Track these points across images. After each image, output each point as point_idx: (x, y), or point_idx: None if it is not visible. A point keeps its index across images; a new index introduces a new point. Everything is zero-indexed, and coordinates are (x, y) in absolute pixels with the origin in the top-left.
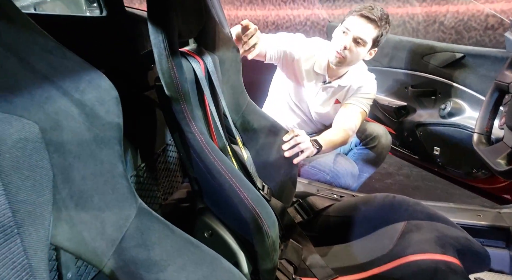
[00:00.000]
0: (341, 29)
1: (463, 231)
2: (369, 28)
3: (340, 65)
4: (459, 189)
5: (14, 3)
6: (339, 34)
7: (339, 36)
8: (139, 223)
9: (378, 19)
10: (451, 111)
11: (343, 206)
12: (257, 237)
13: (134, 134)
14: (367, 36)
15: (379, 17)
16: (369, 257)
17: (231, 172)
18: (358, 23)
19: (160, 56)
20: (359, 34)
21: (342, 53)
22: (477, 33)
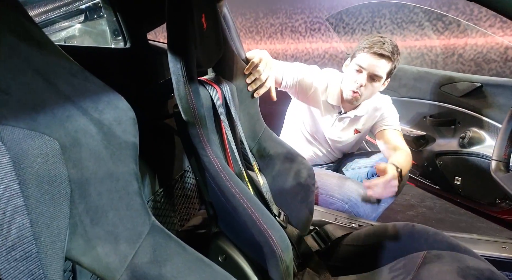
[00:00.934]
0: (354, 68)
1: (486, 262)
2: (383, 63)
3: (357, 102)
4: (485, 222)
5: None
6: (352, 72)
7: (353, 75)
8: (151, 240)
9: (391, 54)
10: (470, 140)
11: (362, 235)
12: (271, 261)
13: (153, 160)
14: (382, 72)
15: (391, 51)
16: None
17: (245, 196)
18: (371, 60)
19: (178, 82)
20: (374, 72)
21: (358, 91)
22: (497, 65)
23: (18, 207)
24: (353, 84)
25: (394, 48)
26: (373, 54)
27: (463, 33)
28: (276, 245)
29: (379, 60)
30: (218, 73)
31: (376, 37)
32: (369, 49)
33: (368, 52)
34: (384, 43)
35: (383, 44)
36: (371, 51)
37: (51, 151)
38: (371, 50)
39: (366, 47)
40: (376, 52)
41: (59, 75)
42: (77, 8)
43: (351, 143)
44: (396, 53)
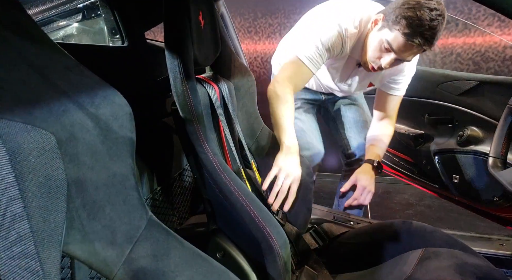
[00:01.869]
0: (382, 42)
1: (484, 259)
2: (419, 52)
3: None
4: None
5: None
6: (379, 44)
7: (378, 48)
8: (148, 234)
9: (435, 41)
10: (468, 139)
11: (360, 233)
12: (269, 257)
13: (151, 158)
14: (415, 57)
15: (436, 38)
16: None
17: (242, 192)
18: (407, 48)
19: (175, 79)
20: (405, 58)
21: (378, 69)
22: (495, 64)
23: (14, 200)
24: (376, 61)
25: (441, 31)
26: (412, 43)
27: (461, 33)
28: (274, 241)
29: (418, 49)
30: (215, 72)
31: (427, 13)
32: (410, 36)
33: (407, 39)
34: (434, 29)
35: (431, 30)
36: (411, 39)
37: (47, 145)
38: (412, 37)
39: (406, 30)
40: (417, 43)
41: (55, 70)
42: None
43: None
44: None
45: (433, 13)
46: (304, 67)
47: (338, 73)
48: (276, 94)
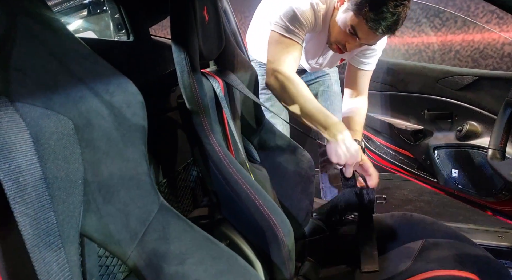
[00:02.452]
0: (347, 26)
1: (483, 249)
2: (383, 38)
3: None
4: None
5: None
6: (344, 29)
7: (343, 33)
8: (161, 218)
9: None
10: (467, 133)
11: None
12: (273, 245)
13: (156, 151)
14: (380, 43)
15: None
16: (387, 274)
17: (247, 182)
18: (372, 36)
19: (182, 72)
20: (370, 44)
21: (344, 50)
22: (493, 61)
23: (38, 180)
24: (341, 43)
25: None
26: (375, 32)
27: (460, 30)
28: (279, 229)
29: (381, 36)
30: (219, 66)
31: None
32: (373, 24)
33: (369, 27)
34: (398, 16)
35: (395, 17)
36: (374, 28)
37: (65, 129)
38: (375, 26)
39: (370, 17)
40: (380, 32)
41: (72, 58)
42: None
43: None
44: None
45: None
46: (291, 43)
47: (309, 52)
48: (284, 83)
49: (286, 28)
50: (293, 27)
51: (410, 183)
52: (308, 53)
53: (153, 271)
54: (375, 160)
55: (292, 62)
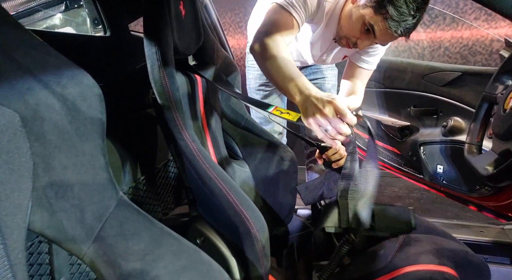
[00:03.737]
0: (365, 26)
1: (462, 244)
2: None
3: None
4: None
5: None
6: (360, 26)
7: (358, 30)
8: (119, 214)
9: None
10: (452, 129)
11: None
12: (247, 241)
13: (135, 148)
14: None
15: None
16: (368, 270)
17: (221, 178)
18: (389, 36)
19: (153, 66)
20: (382, 43)
21: (353, 46)
22: (482, 58)
23: None
24: (352, 40)
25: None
26: (394, 34)
27: (449, 26)
28: (252, 225)
29: (396, 37)
30: (198, 61)
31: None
32: (395, 25)
33: (389, 26)
34: (418, 19)
35: (414, 21)
36: (395, 28)
37: (9, 122)
38: (396, 27)
39: (392, 18)
40: (399, 33)
41: (18, 48)
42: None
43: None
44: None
45: (418, 2)
46: (287, 16)
47: (314, 46)
48: (268, 46)
49: (289, 2)
50: (296, 4)
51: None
52: (313, 47)
53: (111, 268)
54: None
55: (284, 36)
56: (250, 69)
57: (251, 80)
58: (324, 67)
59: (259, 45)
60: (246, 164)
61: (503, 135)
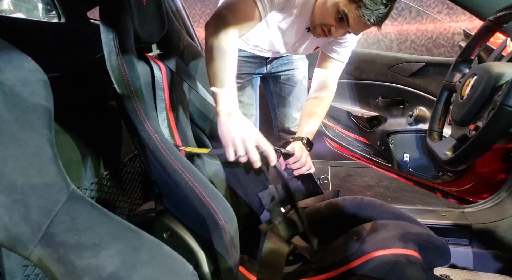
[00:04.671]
0: (336, 11)
1: (425, 228)
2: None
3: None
4: (436, 198)
5: None
6: (334, 14)
7: (332, 18)
8: (69, 208)
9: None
10: (417, 118)
11: (314, 210)
12: (215, 233)
13: (97, 142)
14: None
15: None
16: (338, 256)
17: (187, 170)
18: (362, 25)
19: (110, 53)
20: (355, 32)
21: (327, 35)
22: (445, 50)
23: None
24: (327, 26)
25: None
26: (368, 22)
27: (414, 19)
28: (219, 217)
29: (369, 27)
30: (163, 51)
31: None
32: (368, 14)
33: (362, 16)
34: (390, 8)
35: (386, 10)
36: (368, 17)
37: None
38: (369, 16)
39: (366, 7)
40: (372, 22)
41: None
42: None
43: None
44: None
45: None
46: (252, 8)
47: (287, 35)
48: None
49: None
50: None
51: (371, 170)
52: (285, 35)
53: (62, 266)
54: (335, 148)
55: (242, 25)
56: None
57: None
58: (295, 58)
59: (213, 30)
60: (216, 156)
61: (461, 121)
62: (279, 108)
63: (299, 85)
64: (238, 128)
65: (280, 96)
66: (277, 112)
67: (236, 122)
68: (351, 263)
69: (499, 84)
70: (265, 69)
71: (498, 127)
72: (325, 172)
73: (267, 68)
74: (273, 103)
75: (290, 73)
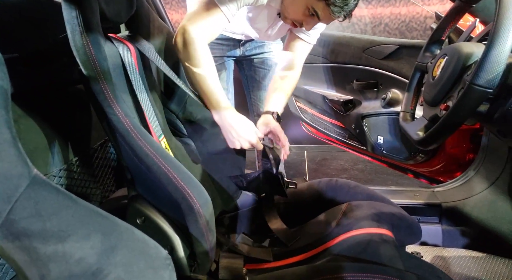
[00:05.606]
0: (309, 10)
1: (398, 207)
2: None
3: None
4: (409, 179)
5: None
6: (304, 10)
7: (301, 14)
8: (32, 193)
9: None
10: (390, 101)
11: (290, 193)
12: (189, 217)
13: (64, 126)
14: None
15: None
16: (313, 238)
17: (159, 154)
18: (331, 18)
19: (74, 32)
20: (326, 23)
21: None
22: (418, 34)
23: None
24: (297, 22)
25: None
26: (336, 17)
27: (388, 3)
28: (194, 200)
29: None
30: (132, 31)
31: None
32: (336, 11)
33: (332, 12)
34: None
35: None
36: (337, 13)
37: None
38: (337, 12)
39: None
40: (342, 17)
41: None
42: None
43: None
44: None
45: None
46: (219, 14)
47: (259, 22)
48: (191, 52)
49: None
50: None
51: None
52: (257, 23)
53: (26, 254)
54: (312, 132)
55: (209, 33)
56: None
57: None
58: (269, 41)
59: (181, 43)
60: (191, 141)
61: (432, 101)
62: (254, 92)
63: (274, 68)
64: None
65: (255, 80)
66: (252, 97)
67: (240, 130)
68: (326, 244)
69: (468, 64)
70: (239, 51)
71: (467, 106)
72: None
73: (240, 51)
74: (248, 88)
75: (264, 56)
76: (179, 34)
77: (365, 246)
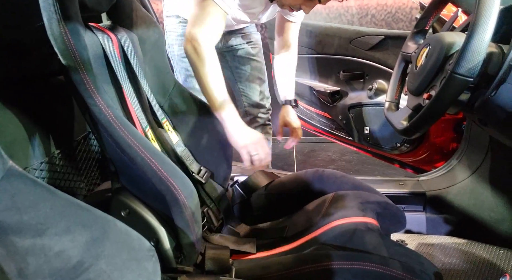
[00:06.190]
0: None
1: (383, 196)
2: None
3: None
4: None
5: None
6: None
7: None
8: (7, 186)
9: None
10: (376, 91)
11: (277, 184)
12: (174, 209)
13: (45, 119)
14: None
15: None
16: (300, 228)
17: (143, 145)
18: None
19: (50, 20)
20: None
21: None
22: (404, 25)
23: None
24: (294, 7)
25: None
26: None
27: None
28: (179, 192)
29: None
30: (114, 21)
31: None
32: None
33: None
34: None
35: None
36: None
37: None
38: None
39: None
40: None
41: None
42: None
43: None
44: None
45: None
46: (217, 9)
47: (250, 7)
48: (201, 56)
49: None
50: None
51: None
52: (250, 9)
53: (2, 247)
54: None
55: (214, 33)
56: (171, 34)
57: (174, 47)
58: (250, 31)
59: (192, 51)
60: (177, 132)
61: (415, 90)
62: (242, 83)
63: (258, 57)
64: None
65: (241, 71)
66: (240, 88)
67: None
68: (313, 233)
69: (450, 54)
70: (219, 44)
71: (449, 95)
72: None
73: (220, 43)
74: (234, 79)
75: (247, 46)
76: (188, 42)
77: (351, 234)
